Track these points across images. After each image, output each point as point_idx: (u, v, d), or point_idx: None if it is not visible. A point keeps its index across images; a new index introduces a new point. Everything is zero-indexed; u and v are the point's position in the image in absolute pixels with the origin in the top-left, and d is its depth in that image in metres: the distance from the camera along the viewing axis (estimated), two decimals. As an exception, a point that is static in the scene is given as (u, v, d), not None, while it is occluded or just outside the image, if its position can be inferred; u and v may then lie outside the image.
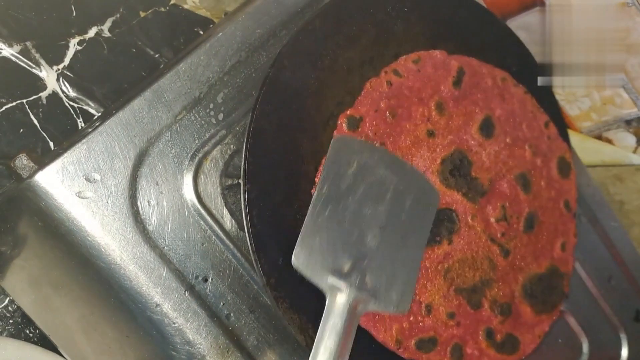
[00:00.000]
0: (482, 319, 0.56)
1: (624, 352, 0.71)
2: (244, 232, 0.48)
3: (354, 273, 0.49)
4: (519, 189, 0.60)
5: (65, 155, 0.46)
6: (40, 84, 0.63)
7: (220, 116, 0.51)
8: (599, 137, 0.88)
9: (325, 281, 0.48)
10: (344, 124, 0.52)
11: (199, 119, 0.51)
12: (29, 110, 0.62)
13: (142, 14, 0.69)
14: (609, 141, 0.87)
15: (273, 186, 0.49)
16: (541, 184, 0.62)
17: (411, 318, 0.53)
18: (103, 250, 0.47)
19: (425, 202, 0.54)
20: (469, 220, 0.57)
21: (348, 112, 0.53)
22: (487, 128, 0.59)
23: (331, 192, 0.50)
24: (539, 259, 0.61)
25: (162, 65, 0.66)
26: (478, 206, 0.58)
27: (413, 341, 0.53)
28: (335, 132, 0.52)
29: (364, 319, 0.51)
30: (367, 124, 0.53)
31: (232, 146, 0.51)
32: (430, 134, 0.56)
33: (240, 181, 0.48)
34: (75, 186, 0.46)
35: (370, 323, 0.51)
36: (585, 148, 0.85)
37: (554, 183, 0.63)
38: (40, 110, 0.62)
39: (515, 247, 0.59)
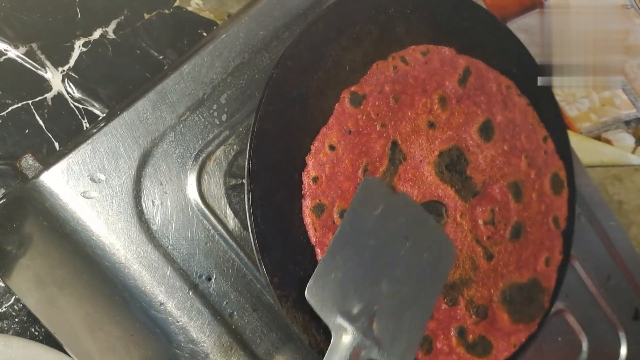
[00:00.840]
0: (456, 317, 0.56)
1: (623, 350, 0.71)
2: (248, 231, 0.48)
3: (363, 317, 0.48)
4: (510, 196, 0.60)
5: (70, 155, 0.46)
6: (45, 85, 0.63)
7: (224, 117, 0.52)
8: (598, 138, 0.88)
9: (333, 320, 0.47)
10: (346, 99, 0.52)
11: (203, 119, 0.51)
12: (34, 111, 0.62)
13: (146, 16, 0.69)
14: (608, 142, 0.87)
15: (276, 186, 0.49)
16: (532, 196, 0.62)
17: None
18: (107, 249, 0.47)
19: (441, 258, 0.54)
20: (458, 217, 0.57)
21: (352, 89, 0.53)
22: (486, 131, 0.59)
23: (353, 231, 0.49)
24: (522, 269, 0.60)
25: (166, 67, 0.66)
26: (469, 205, 0.58)
27: None
28: (336, 106, 0.52)
29: None
30: (370, 103, 0.53)
31: (235, 147, 0.52)
32: (431, 125, 0.56)
33: (244, 181, 0.48)
34: (80, 186, 0.46)
35: None
36: (584, 148, 0.85)
37: (545, 198, 0.62)
38: (46, 111, 0.62)
39: (499, 253, 0.59)
